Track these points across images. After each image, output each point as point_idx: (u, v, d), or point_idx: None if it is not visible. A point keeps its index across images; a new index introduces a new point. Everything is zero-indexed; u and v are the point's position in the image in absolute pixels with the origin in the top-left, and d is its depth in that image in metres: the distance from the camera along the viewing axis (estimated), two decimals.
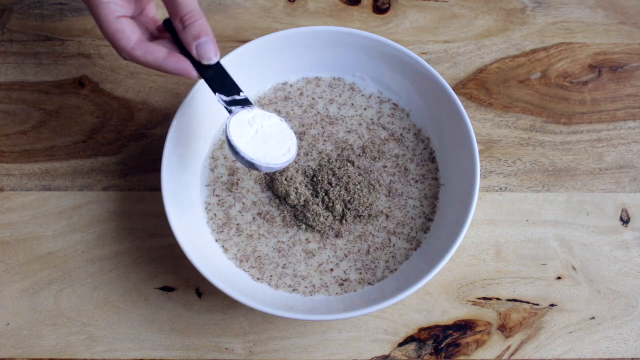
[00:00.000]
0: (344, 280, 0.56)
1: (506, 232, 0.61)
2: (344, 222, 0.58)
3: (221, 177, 0.60)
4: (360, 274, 0.56)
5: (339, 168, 0.59)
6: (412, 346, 0.56)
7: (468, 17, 0.71)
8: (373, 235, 0.58)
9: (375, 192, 0.59)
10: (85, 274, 0.58)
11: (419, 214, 0.58)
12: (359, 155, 0.60)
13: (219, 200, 0.59)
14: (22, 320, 0.57)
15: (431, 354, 0.56)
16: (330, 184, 0.58)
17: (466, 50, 0.69)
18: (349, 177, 0.58)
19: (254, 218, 0.58)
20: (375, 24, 0.70)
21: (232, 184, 0.59)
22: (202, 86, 0.58)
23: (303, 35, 0.61)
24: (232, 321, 0.57)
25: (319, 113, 0.62)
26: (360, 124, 0.62)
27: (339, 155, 0.60)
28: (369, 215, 0.58)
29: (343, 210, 0.58)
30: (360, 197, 0.57)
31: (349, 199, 0.58)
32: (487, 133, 0.65)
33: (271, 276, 0.56)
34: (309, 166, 0.60)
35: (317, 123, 0.62)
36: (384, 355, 0.56)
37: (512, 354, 0.56)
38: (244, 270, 0.56)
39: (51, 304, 0.57)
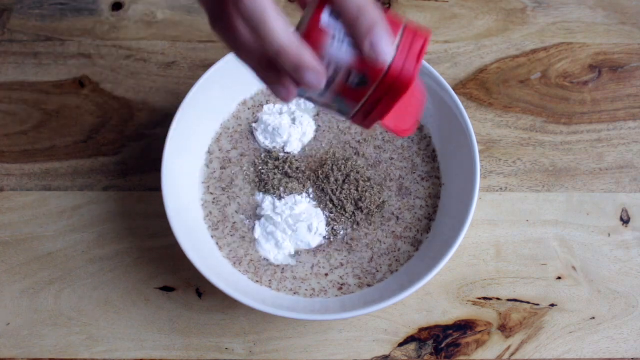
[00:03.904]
0: (342, 284, 0.56)
1: (506, 232, 0.61)
2: (355, 226, 0.58)
3: (214, 172, 0.60)
4: (359, 278, 0.56)
5: (346, 160, 0.59)
6: (412, 346, 0.56)
7: (468, 17, 0.71)
8: (380, 242, 0.57)
9: (387, 188, 0.59)
10: (85, 274, 0.58)
11: (425, 214, 0.58)
12: (359, 142, 0.60)
13: (214, 199, 0.59)
14: (22, 320, 0.57)
15: (431, 354, 0.56)
16: (337, 180, 0.58)
17: (466, 50, 0.69)
18: (357, 173, 0.58)
19: (249, 220, 0.58)
20: None
21: (225, 182, 0.59)
22: (202, 86, 0.58)
23: None
24: (232, 321, 0.57)
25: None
26: None
27: (343, 146, 0.61)
28: (382, 215, 0.58)
29: (354, 212, 0.58)
30: (371, 195, 0.58)
31: (358, 197, 0.58)
32: (487, 133, 0.65)
33: (270, 280, 0.56)
34: (311, 157, 0.60)
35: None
36: (384, 355, 0.56)
37: (512, 354, 0.56)
38: (240, 272, 0.56)
39: (51, 304, 0.57)
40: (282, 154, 0.60)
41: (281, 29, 0.32)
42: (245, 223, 0.58)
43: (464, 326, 0.57)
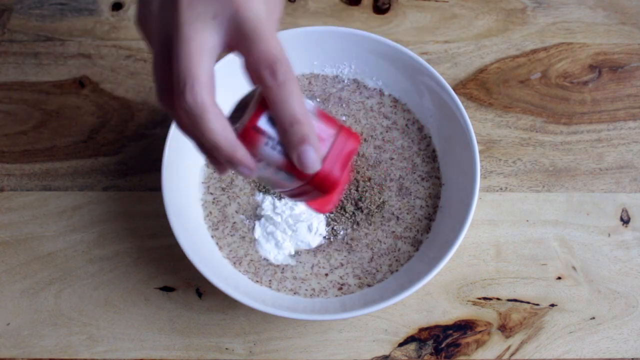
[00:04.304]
0: (342, 284, 0.56)
1: (506, 232, 0.61)
2: (355, 226, 0.58)
3: (214, 172, 0.60)
4: (359, 278, 0.56)
5: None
6: (412, 346, 0.56)
7: (468, 17, 0.71)
8: (380, 242, 0.57)
9: (387, 188, 0.59)
10: (85, 274, 0.58)
11: (425, 214, 0.58)
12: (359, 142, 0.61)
13: (214, 199, 0.59)
14: (22, 320, 0.57)
15: (431, 354, 0.56)
16: None
17: (466, 50, 0.69)
18: (357, 173, 0.58)
19: (249, 220, 0.58)
20: (375, 24, 0.70)
21: (225, 182, 0.59)
22: None
23: (303, 35, 0.61)
24: (232, 321, 0.57)
25: (317, 100, 0.63)
26: (359, 110, 0.62)
27: None
28: (382, 215, 0.58)
29: (354, 212, 0.58)
30: (371, 195, 0.58)
31: (358, 197, 0.58)
32: (487, 133, 0.65)
33: (270, 280, 0.56)
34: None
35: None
36: (384, 355, 0.56)
37: (512, 354, 0.56)
38: (240, 272, 0.56)
39: (51, 304, 0.57)
40: None
41: (218, 127, 0.35)
42: (245, 223, 0.58)
43: (464, 326, 0.57)
